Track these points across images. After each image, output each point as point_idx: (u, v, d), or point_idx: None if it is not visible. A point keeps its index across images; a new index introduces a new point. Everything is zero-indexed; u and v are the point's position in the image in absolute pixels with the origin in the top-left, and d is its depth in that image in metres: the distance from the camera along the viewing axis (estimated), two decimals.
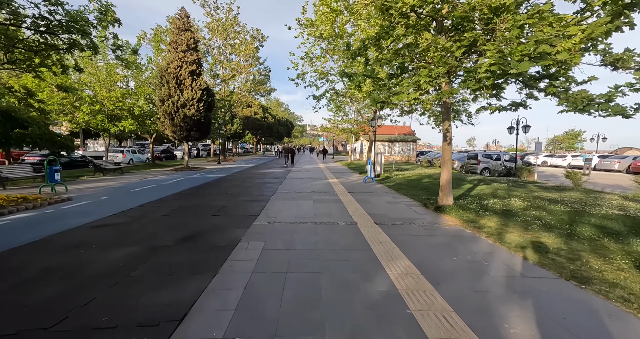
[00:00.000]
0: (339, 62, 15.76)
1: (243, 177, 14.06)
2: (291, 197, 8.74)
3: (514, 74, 3.69)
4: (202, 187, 10.54)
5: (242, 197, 8.59)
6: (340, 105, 18.11)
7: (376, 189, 10.57)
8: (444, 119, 6.97)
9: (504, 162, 18.67)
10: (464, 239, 4.85)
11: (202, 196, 8.71)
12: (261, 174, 16.11)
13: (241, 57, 25.20)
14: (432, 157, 27.98)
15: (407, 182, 12.60)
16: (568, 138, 69.78)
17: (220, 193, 9.34)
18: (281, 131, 53.13)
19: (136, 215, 6.16)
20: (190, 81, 16.50)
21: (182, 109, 16.28)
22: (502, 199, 8.14)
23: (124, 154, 23.64)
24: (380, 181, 13.01)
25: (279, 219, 6.09)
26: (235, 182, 12.17)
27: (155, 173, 15.47)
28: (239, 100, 28.17)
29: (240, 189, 10.40)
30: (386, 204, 7.77)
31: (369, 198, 8.68)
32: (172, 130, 16.62)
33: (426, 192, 9.85)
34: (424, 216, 6.51)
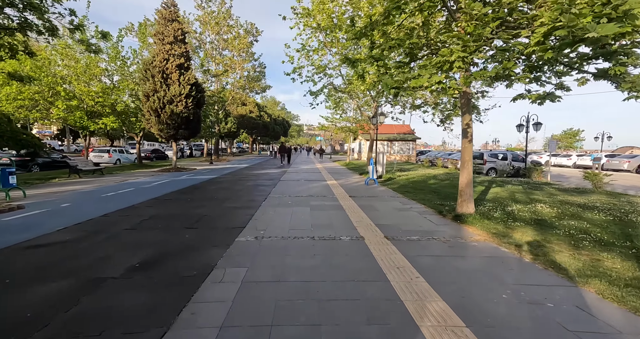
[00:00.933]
0: (337, 55, 14.70)
1: (234, 179, 12.94)
2: (285, 202, 7.66)
3: (590, 41, 2.66)
4: (185, 191, 9.42)
5: (229, 204, 7.49)
6: (338, 101, 17.03)
7: (380, 193, 9.52)
8: (463, 113, 5.93)
9: (511, 162, 17.72)
10: (504, 262, 3.80)
11: (182, 202, 7.59)
12: (254, 175, 15.00)
13: (234, 53, 24.01)
14: (434, 156, 27.02)
15: (412, 184, 11.57)
16: (567, 137, 69.43)
17: (205, 198, 8.23)
18: (277, 130, 52.00)
19: (92, 229, 5.04)
20: (177, 75, 15.33)
21: (168, 106, 15.10)
22: (525, 205, 7.12)
23: (110, 154, 22.37)
24: (383, 183, 11.97)
25: (269, 232, 5.00)
26: (224, 185, 11.05)
27: (139, 175, 14.30)
28: (233, 97, 26.97)
29: (229, 193, 9.29)
30: (395, 212, 6.72)
31: (374, 204, 7.62)
32: (159, 128, 15.44)
33: (436, 196, 8.81)
34: (443, 227, 5.46)
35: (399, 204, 7.60)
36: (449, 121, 14.93)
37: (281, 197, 8.41)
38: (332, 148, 47.84)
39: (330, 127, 26.72)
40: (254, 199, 8.22)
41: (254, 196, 8.65)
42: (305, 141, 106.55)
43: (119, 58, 15.62)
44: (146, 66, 14.91)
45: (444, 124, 15.35)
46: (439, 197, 8.51)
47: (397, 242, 4.52)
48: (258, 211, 6.65)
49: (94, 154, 22.17)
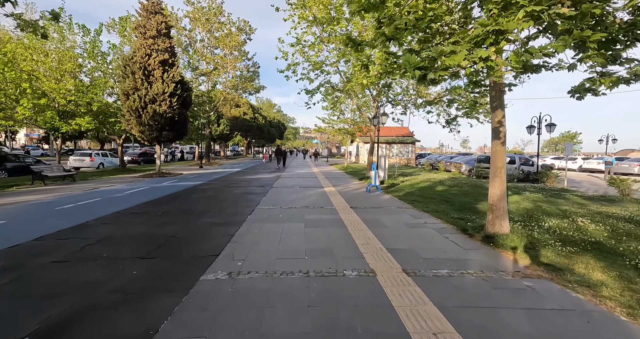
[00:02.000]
0: (335, 51, 13.56)
1: (221, 186, 11.66)
2: (275, 216, 6.42)
3: None
4: (160, 202, 8.14)
5: (207, 218, 6.24)
6: (336, 101, 15.87)
7: (385, 202, 8.32)
8: (494, 108, 4.79)
9: (519, 165, 16.68)
10: (590, 321, 2.60)
11: (151, 217, 6.32)
12: (245, 181, 13.74)
13: (226, 51, 22.79)
14: (435, 159, 25.97)
15: (418, 191, 10.40)
16: (564, 140, 69.12)
17: (181, 211, 6.96)
18: (272, 132, 50.76)
19: (3, 263, 3.75)
20: (161, 72, 14.07)
21: (151, 105, 13.82)
22: (561, 219, 5.98)
23: (92, 158, 20.93)
24: (385, 190, 10.79)
25: (249, 263, 3.77)
26: (208, 193, 9.78)
27: (117, 181, 12.96)
28: (225, 98, 25.71)
29: (211, 203, 8.03)
30: (407, 229, 5.52)
31: (381, 217, 6.42)
32: (140, 129, 14.14)
33: (450, 206, 7.64)
34: (473, 253, 4.27)
35: (410, 218, 6.41)
36: (455, 122, 13.88)
37: (271, 210, 7.17)
38: (328, 151, 46.68)
39: (327, 130, 25.60)
40: (238, 211, 6.97)
41: (239, 208, 7.40)
42: (302, 144, 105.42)
43: (98, 54, 14.31)
44: (125, 62, 13.63)
45: (449, 125, 14.27)
46: (453, 209, 7.34)
47: (421, 281, 3.31)
48: (241, 229, 5.41)
49: (75, 158, 20.73)
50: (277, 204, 7.96)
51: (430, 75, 2.86)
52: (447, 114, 14.02)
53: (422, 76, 2.92)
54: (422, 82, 3.09)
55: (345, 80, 14.12)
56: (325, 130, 25.85)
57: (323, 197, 9.05)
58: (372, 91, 14.64)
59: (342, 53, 12.89)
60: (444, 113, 14.11)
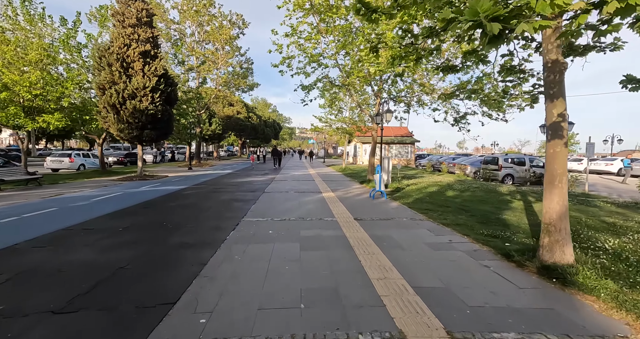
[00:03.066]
0: (333, 43, 12.36)
1: (206, 191, 10.38)
2: (264, 233, 5.18)
3: None
4: (127, 212, 6.84)
5: (177, 237, 4.97)
6: (334, 97, 14.60)
7: (394, 212, 7.13)
8: (551, 97, 3.63)
9: (530, 167, 15.63)
10: None
11: (105, 236, 5.03)
12: (234, 184, 12.46)
13: (217, 45, 21.46)
14: (436, 160, 24.91)
15: (428, 197, 9.24)
16: None
17: (148, 226, 5.69)
18: (268, 132, 49.44)
19: None
20: (141, 65, 12.73)
21: (130, 101, 12.48)
22: (616, 235, 4.84)
23: (71, 159, 19.47)
24: (391, 195, 9.60)
25: (216, 321, 2.53)
26: (189, 200, 8.49)
27: (91, 185, 11.59)
28: (216, 96, 24.33)
29: (190, 214, 6.76)
30: (431, 252, 4.32)
31: (394, 234, 5.21)
32: (118, 127, 12.78)
33: (471, 217, 6.48)
34: (537, 297, 3.07)
35: (429, 235, 5.21)
36: (465, 120, 12.76)
37: (260, 223, 5.93)
38: (325, 152, 45.46)
39: (324, 129, 24.39)
40: (220, 225, 5.72)
41: (222, 220, 6.14)
42: (298, 144, 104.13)
43: (72, 45, 12.90)
44: (101, 53, 12.26)
45: (458, 123, 13.16)
46: (476, 221, 6.17)
47: None
48: (218, 254, 4.17)
49: (52, 159, 19.25)
50: (268, 214, 6.72)
51: (520, 29, 1.65)
52: (456, 111, 12.90)
53: (498, 35, 1.71)
54: (497, 43, 1.88)
55: (345, 75, 12.92)
56: (322, 129, 24.64)
57: (322, 205, 7.82)
58: (374, 86, 13.47)
59: (342, 44, 11.69)
60: (452, 111, 12.99)
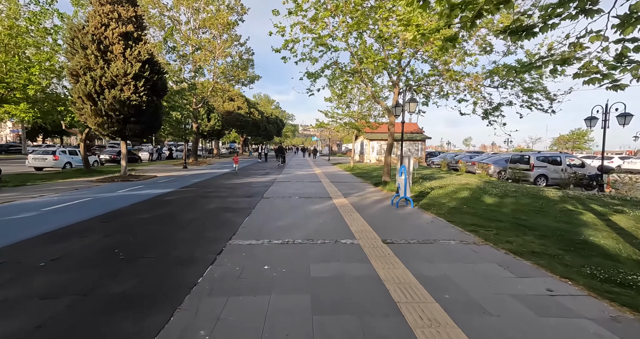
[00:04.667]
0: (344, 23, 10.52)
1: (194, 197, 8.67)
2: (255, 275, 3.43)
3: None
4: (75, 231, 5.13)
5: (123, 278, 3.25)
6: (345, 86, 12.72)
7: (433, 229, 5.35)
8: None
9: (566, 167, 13.73)
10: None
11: (13, 277, 3.33)
12: (230, 187, 10.74)
13: (214, 31, 19.66)
14: (451, 159, 23.02)
15: (464, 204, 7.45)
16: (574, 137, 66.27)
17: (86, 257, 3.98)
18: (270, 129, 47.70)
19: None
20: (121, 48, 11.00)
21: (110, 90, 10.77)
22: None
23: (55, 156, 17.89)
24: (417, 201, 7.82)
25: None
26: (167, 210, 6.77)
27: (61, 188, 9.93)
28: (214, 88, 22.57)
29: (159, 233, 5.04)
30: (536, 320, 2.53)
31: (453, 274, 3.43)
32: (96, 121, 11.09)
33: (543, 238, 4.70)
34: None
35: (509, 277, 3.42)
36: (498, 113, 10.91)
37: (252, 250, 4.19)
38: (329, 149, 43.64)
39: (330, 125, 22.57)
40: (193, 256, 3.99)
41: (199, 245, 4.41)
42: (301, 142, 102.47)
43: (40, 23, 11.15)
44: (73, 33, 10.53)
45: (488, 116, 11.32)
46: (558, 246, 4.39)
47: None
48: (172, 323, 2.43)
49: (34, 157, 17.65)
50: (265, 233, 4.98)
51: None
52: (488, 102, 11.03)
53: None
54: None
55: (357, 61, 11.07)
56: (327, 125, 22.84)
57: (335, 218, 6.06)
58: (392, 74, 11.61)
59: (356, 22, 9.87)
60: (484, 101, 11.11)
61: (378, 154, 31.26)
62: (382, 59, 9.20)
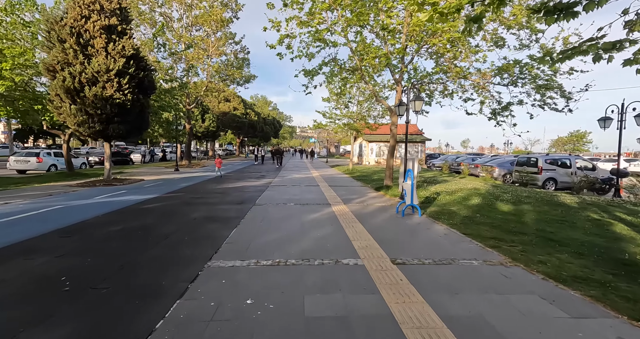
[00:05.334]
0: (343, 17, 9.82)
1: (177, 204, 7.87)
2: (233, 315, 2.65)
3: None
4: (22, 250, 4.33)
5: (57, 331, 2.47)
6: (344, 84, 11.97)
7: (449, 245, 4.60)
8: None
9: (576, 170, 13.07)
10: None
11: None
12: (219, 192, 9.95)
13: (207, 29, 18.90)
14: (453, 161, 22.35)
15: (477, 213, 6.72)
16: (573, 139, 66.08)
17: (37, 282, 3.19)
18: (267, 130, 46.92)
19: None
20: (104, 42, 10.21)
21: (90, 87, 9.97)
22: None
23: (39, 158, 16.99)
24: (423, 208, 7.07)
25: None
26: (144, 221, 5.98)
27: (34, 193, 9.09)
28: (208, 88, 21.77)
29: (124, 252, 4.25)
30: None
31: (489, 313, 2.67)
32: (76, 121, 10.27)
33: (582, 258, 3.98)
34: None
35: (557, 312, 2.68)
36: (508, 112, 10.23)
37: (234, 275, 3.41)
38: (327, 151, 42.92)
39: (328, 126, 21.84)
40: (160, 284, 3.20)
41: (170, 269, 3.63)
42: (299, 143, 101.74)
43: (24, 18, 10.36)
44: (50, 26, 9.73)
45: (496, 117, 10.65)
46: (604, 269, 3.66)
47: None
48: None
49: (16, 159, 16.73)
50: (252, 251, 4.20)
51: None
52: (497, 101, 10.34)
53: None
54: None
55: (358, 57, 10.36)
56: (325, 126, 22.11)
57: (335, 231, 5.30)
58: (394, 72, 10.91)
59: (356, 15, 9.18)
60: (492, 101, 10.42)
61: (377, 156, 30.58)
62: (384, 54, 8.49)
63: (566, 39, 8.28)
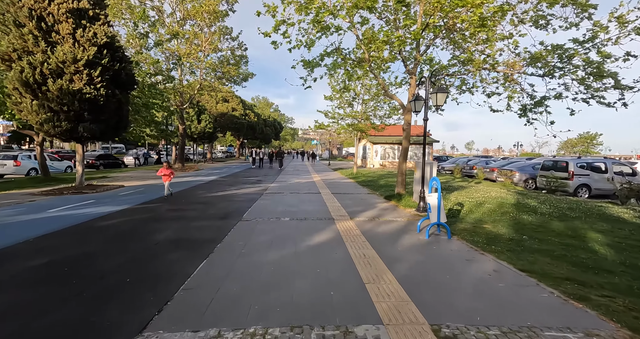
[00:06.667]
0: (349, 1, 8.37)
1: (146, 219, 6.39)
2: None
3: None
4: None
5: None
6: (350, 77, 10.41)
7: (514, 296, 3.07)
8: None
9: (613, 176, 11.48)
10: None
11: None
12: (204, 202, 8.47)
13: (200, 21, 17.54)
14: (465, 164, 20.78)
15: (521, 232, 5.20)
16: (583, 141, 64.17)
17: None
18: (267, 132, 45.52)
19: None
20: (71, 28, 8.82)
21: (55, 80, 8.57)
22: None
23: (17, 162, 15.69)
24: (451, 224, 5.53)
25: None
26: (89, 247, 4.50)
27: None
28: (201, 86, 20.37)
29: (22, 310, 2.78)
30: None
31: None
32: (39, 119, 8.86)
33: None
34: None
35: None
36: (543, 107, 8.70)
37: None
38: (329, 153, 41.38)
39: (331, 126, 20.37)
40: None
41: None
42: (300, 146, 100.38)
43: None
44: (5, 7, 8.34)
45: (527, 113, 9.12)
46: None
47: None
48: None
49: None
50: (215, 312, 2.69)
51: None
52: (529, 95, 8.81)
53: None
54: None
55: (365, 46, 8.87)
56: (328, 127, 20.66)
57: (341, 265, 3.79)
58: (407, 62, 9.43)
59: None
60: (523, 94, 8.89)
61: (382, 158, 29.05)
62: (398, 36, 7.02)
63: (622, 17, 6.77)
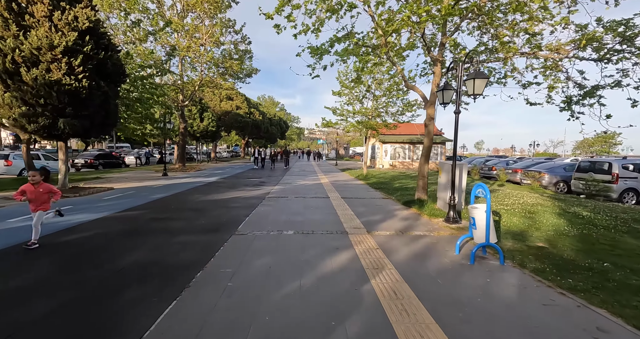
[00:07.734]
0: None
1: (124, 232, 5.29)
2: None
3: None
4: None
5: None
6: (366, 62, 9.12)
7: None
8: None
9: None
10: None
11: None
12: (196, 209, 7.35)
13: (201, 14, 16.52)
14: (482, 165, 19.35)
15: (590, 252, 3.91)
16: (600, 141, 61.63)
17: None
18: (273, 131, 44.47)
19: None
20: (47, 10, 7.80)
21: (29, 69, 7.56)
22: None
23: (8, 162, 14.90)
24: (502, 246, 4.28)
25: None
26: (22, 281, 3.41)
27: None
28: (202, 82, 19.36)
29: None
30: None
31: None
32: (11, 114, 7.87)
33: None
34: None
35: None
36: (596, 98, 7.35)
37: None
38: (336, 153, 40.13)
39: (339, 124, 19.14)
40: None
41: None
42: (307, 145, 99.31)
43: None
44: None
45: (571, 106, 7.80)
46: None
47: None
48: None
49: None
50: None
51: None
52: (577, 84, 7.47)
53: None
54: None
55: (383, 30, 7.63)
56: (336, 124, 19.43)
57: (365, 308, 2.58)
58: (432, 48, 8.17)
59: None
60: (569, 84, 7.55)
61: (392, 158, 27.72)
62: (428, 10, 5.79)
63: None
